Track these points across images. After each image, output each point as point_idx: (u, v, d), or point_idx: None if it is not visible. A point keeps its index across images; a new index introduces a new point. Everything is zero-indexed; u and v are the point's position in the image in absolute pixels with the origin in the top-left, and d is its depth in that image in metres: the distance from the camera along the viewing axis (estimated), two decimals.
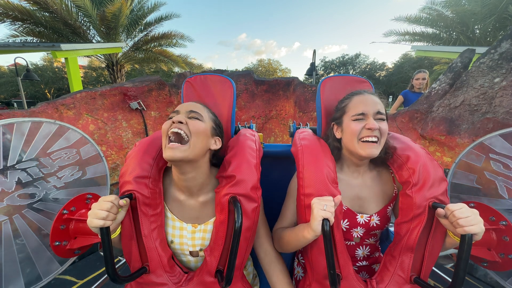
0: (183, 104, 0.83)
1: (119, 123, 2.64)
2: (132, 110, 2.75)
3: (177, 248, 0.83)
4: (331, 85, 0.99)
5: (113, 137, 2.59)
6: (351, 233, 0.88)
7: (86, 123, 2.38)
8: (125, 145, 2.70)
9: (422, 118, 2.28)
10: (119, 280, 0.67)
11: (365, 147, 0.77)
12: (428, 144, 2.18)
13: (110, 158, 2.56)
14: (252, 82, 3.45)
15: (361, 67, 23.79)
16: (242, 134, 0.96)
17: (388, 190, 0.89)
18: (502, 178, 1.02)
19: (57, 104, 2.17)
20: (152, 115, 2.96)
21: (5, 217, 0.95)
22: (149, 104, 2.93)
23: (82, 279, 1.59)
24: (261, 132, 3.64)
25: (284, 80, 3.48)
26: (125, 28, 8.08)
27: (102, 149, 2.45)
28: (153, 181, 0.80)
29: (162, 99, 3.04)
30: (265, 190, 0.87)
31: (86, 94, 2.38)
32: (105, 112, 2.53)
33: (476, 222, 0.59)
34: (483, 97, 1.88)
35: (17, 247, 0.97)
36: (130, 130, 2.75)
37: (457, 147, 1.95)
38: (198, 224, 0.83)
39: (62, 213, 0.99)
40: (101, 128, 2.49)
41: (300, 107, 3.38)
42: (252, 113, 3.49)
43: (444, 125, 2.04)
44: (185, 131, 0.73)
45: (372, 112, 0.78)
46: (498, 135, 1.06)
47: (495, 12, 6.62)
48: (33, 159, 1.04)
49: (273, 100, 3.52)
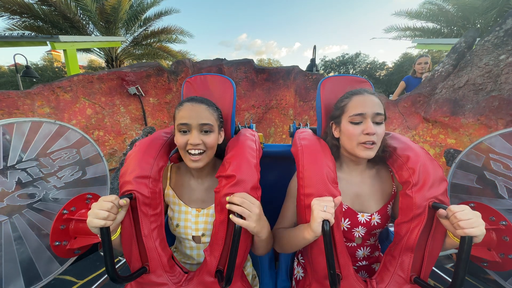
0: (191, 109, 0.79)
1: (117, 108, 2.59)
2: (130, 96, 2.69)
3: (182, 232, 0.88)
4: (331, 85, 0.99)
5: (111, 122, 2.55)
6: (353, 233, 0.88)
7: (83, 107, 2.33)
8: (123, 131, 2.64)
9: (425, 101, 2.24)
10: (119, 280, 0.67)
11: (362, 149, 0.79)
12: (432, 127, 2.14)
13: (108, 143, 2.52)
14: (252, 71, 3.39)
15: (361, 66, 23.72)
16: (242, 134, 0.96)
17: (387, 188, 0.90)
18: (502, 178, 1.02)
19: (53, 86, 2.12)
20: (150, 102, 2.90)
21: (5, 217, 0.95)
22: (148, 90, 2.86)
23: (82, 279, 1.59)
24: (261, 122, 3.58)
25: (285, 68, 3.42)
26: (124, 23, 8.01)
27: (99, 134, 2.44)
28: (153, 181, 0.80)
29: (160, 86, 2.98)
30: (265, 190, 0.87)
31: (83, 77, 2.32)
32: (103, 96, 2.48)
33: (477, 225, 0.59)
34: (488, 76, 1.83)
35: (17, 247, 0.97)
36: (128, 116, 2.70)
37: (461, 127, 1.91)
38: (202, 209, 0.89)
39: (62, 213, 0.99)
40: (98, 112, 2.44)
41: (300, 96, 3.34)
42: (252, 102, 3.44)
43: (448, 106, 2.00)
44: (202, 148, 0.80)
45: (371, 113, 0.78)
46: (498, 135, 1.06)
47: (496, 5, 6.44)
48: (33, 159, 1.04)
49: (273, 89, 3.47)
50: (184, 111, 0.80)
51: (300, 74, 3.33)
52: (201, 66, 3.43)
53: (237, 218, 0.67)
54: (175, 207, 0.91)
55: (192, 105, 0.81)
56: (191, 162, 0.80)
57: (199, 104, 0.82)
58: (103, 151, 2.42)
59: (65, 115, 2.16)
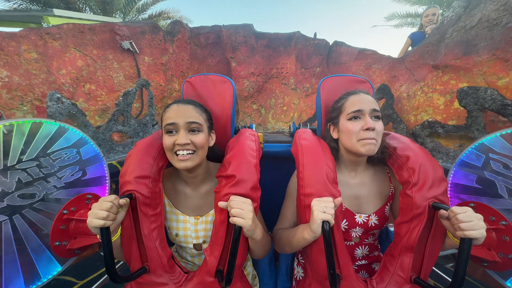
0: (177, 110, 0.79)
1: (109, 63, 2.45)
2: (124, 52, 2.54)
3: (182, 241, 0.88)
4: (331, 85, 0.99)
5: (103, 77, 2.40)
6: (350, 233, 0.88)
7: (74, 58, 2.20)
8: (116, 88, 2.48)
9: (434, 50, 2.10)
10: (119, 280, 0.67)
11: (363, 144, 0.78)
12: (442, 74, 2.02)
13: (100, 98, 2.37)
14: (252, 35, 3.28)
15: None
16: (242, 134, 0.97)
17: (385, 190, 0.90)
18: (502, 178, 1.02)
19: (41, 31, 2.01)
20: (146, 61, 2.75)
21: (5, 217, 0.95)
22: (142, 48, 2.71)
23: (82, 279, 1.58)
24: (261, 92, 3.47)
25: (285, 34, 3.29)
26: (122, 8, 7.89)
27: (91, 88, 2.31)
28: (153, 181, 0.80)
29: (156, 45, 2.82)
30: (265, 190, 0.87)
31: (74, 26, 2.20)
32: (95, 49, 2.34)
33: (478, 228, 0.59)
34: (504, 8, 1.69)
35: (17, 247, 0.97)
36: (122, 73, 2.54)
37: (474, 67, 1.78)
38: (200, 216, 0.88)
39: (62, 213, 0.99)
40: (90, 65, 2.30)
41: (301, 62, 3.25)
42: (251, 70, 3.33)
43: (459, 48, 1.86)
44: (191, 148, 0.77)
45: (368, 109, 0.79)
46: (498, 135, 1.06)
47: None
48: (33, 159, 1.04)
49: (274, 57, 3.36)
50: (170, 111, 0.79)
51: (301, 39, 3.21)
52: (199, 31, 3.28)
53: (234, 218, 0.66)
54: (172, 216, 0.89)
55: (178, 105, 0.80)
56: (178, 162, 0.76)
57: (186, 105, 0.81)
58: (95, 106, 2.30)
59: (53, 63, 2.04)
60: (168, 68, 2.98)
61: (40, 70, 1.95)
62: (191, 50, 3.23)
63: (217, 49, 3.39)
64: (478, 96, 1.61)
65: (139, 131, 2.18)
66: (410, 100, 2.19)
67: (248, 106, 3.55)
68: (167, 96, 3.04)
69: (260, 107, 3.58)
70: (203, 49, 3.39)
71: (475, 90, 1.62)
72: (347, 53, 3.03)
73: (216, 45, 3.37)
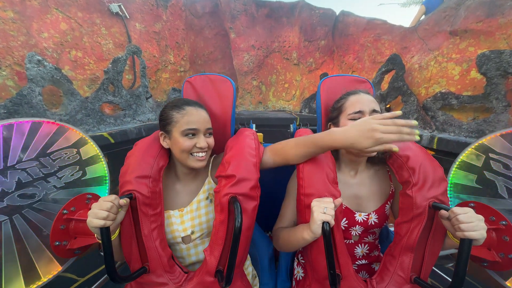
0: (197, 116, 0.83)
1: (97, 28, 2.23)
2: (112, 16, 2.31)
3: (170, 238, 0.87)
4: (332, 85, 0.99)
5: (91, 43, 2.18)
6: (350, 232, 0.88)
7: (56, 20, 1.96)
8: (105, 56, 2.27)
9: (452, 14, 1.92)
10: (119, 280, 0.67)
11: None
12: (459, 41, 1.87)
13: (88, 67, 2.17)
14: (252, 3, 3.05)
15: None
16: (241, 133, 0.96)
17: (385, 188, 0.90)
18: (502, 178, 1.02)
19: None
20: (137, 28, 2.51)
21: (5, 217, 0.95)
22: (133, 13, 2.45)
23: (83, 276, 1.58)
24: (262, 67, 3.25)
25: (288, 4, 3.03)
26: None
27: (77, 55, 2.08)
28: (153, 181, 0.80)
29: (148, 10, 2.57)
30: (265, 189, 0.87)
31: None
32: (80, 11, 2.11)
33: (479, 229, 0.58)
34: None
35: (17, 247, 0.97)
36: (111, 40, 2.32)
37: (497, 30, 1.62)
38: (184, 207, 0.89)
39: (62, 213, 0.99)
40: (75, 29, 2.07)
41: (306, 34, 3.01)
42: (251, 42, 3.11)
43: (482, 9, 1.68)
44: (206, 150, 0.86)
45: (368, 110, 0.79)
46: (498, 135, 1.06)
47: None
48: (33, 159, 1.04)
49: (276, 29, 3.14)
50: (190, 116, 0.82)
51: (305, 8, 2.96)
52: None
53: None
54: None
55: (196, 110, 0.84)
56: (196, 162, 0.83)
57: (202, 110, 0.87)
58: (83, 75, 2.10)
59: (33, 24, 1.81)
60: (162, 38, 2.74)
61: (18, 31, 1.72)
62: (186, 20, 2.98)
63: (215, 20, 3.19)
64: (501, 60, 1.51)
65: (131, 103, 2.03)
66: (421, 72, 2.06)
67: (247, 82, 3.32)
68: (162, 68, 2.80)
69: (260, 83, 3.37)
70: (200, 19, 3.16)
71: (499, 54, 1.52)
72: (354, 24, 2.77)
73: (214, 15, 3.15)
